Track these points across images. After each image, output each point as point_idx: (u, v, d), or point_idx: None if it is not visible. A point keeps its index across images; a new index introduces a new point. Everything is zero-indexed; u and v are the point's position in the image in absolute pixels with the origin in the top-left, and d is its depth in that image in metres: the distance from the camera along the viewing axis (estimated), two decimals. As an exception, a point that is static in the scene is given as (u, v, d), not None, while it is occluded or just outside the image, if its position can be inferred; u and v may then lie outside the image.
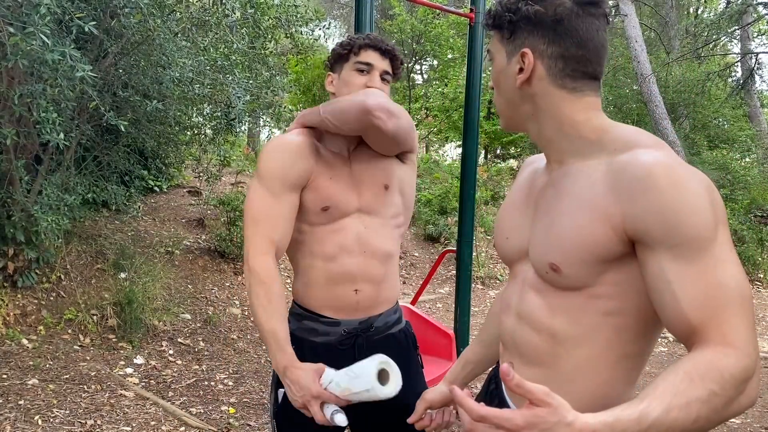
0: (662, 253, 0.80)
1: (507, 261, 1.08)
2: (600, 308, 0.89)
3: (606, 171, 0.87)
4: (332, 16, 15.83)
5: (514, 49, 0.96)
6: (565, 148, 0.96)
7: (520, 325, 1.00)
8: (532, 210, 1.01)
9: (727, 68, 11.44)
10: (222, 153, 5.07)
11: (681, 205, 0.78)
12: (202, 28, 3.90)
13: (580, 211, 0.88)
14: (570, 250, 0.88)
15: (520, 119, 1.01)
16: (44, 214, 3.52)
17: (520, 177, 1.13)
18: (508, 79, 0.99)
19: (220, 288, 5.23)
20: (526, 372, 0.98)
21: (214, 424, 3.18)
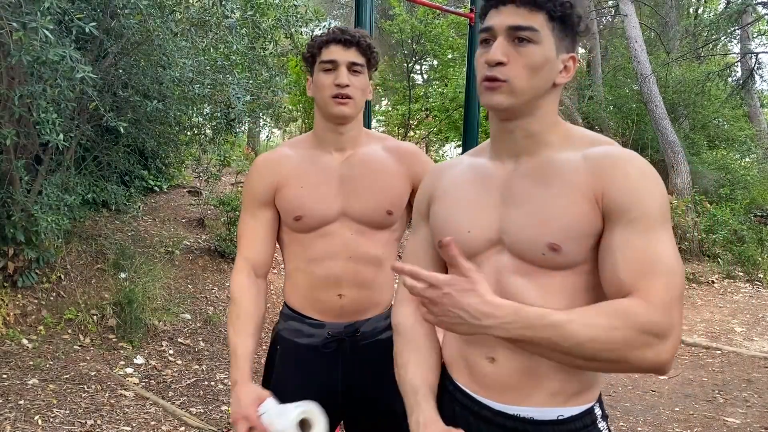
0: (620, 226, 0.93)
1: (470, 254, 1.05)
2: (585, 284, 0.98)
3: (584, 159, 0.98)
4: (332, 16, 15.83)
5: (562, 47, 0.99)
6: (546, 142, 1.03)
7: None
8: (497, 201, 1.04)
9: (727, 68, 11.44)
10: (222, 153, 5.07)
11: (643, 188, 0.93)
12: (202, 28, 3.90)
13: (572, 193, 0.96)
14: (569, 229, 0.95)
15: (528, 107, 1.00)
16: (44, 214, 3.52)
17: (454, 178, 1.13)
18: (551, 70, 0.99)
19: (220, 288, 5.23)
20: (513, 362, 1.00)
21: (214, 424, 3.18)
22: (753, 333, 5.66)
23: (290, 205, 1.46)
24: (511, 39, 0.97)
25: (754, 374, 4.42)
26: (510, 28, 0.96)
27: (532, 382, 0.99)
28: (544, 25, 0.97)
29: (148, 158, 5.83)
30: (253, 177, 1.53)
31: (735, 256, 8.09)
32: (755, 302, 6.94)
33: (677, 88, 10.79)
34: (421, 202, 1.21)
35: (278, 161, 1.51)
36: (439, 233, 1.11)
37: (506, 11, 0.97)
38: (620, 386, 4.12)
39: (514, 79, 0.97)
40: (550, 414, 1.00)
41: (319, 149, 1.51)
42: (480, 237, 1.05)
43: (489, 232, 1.04)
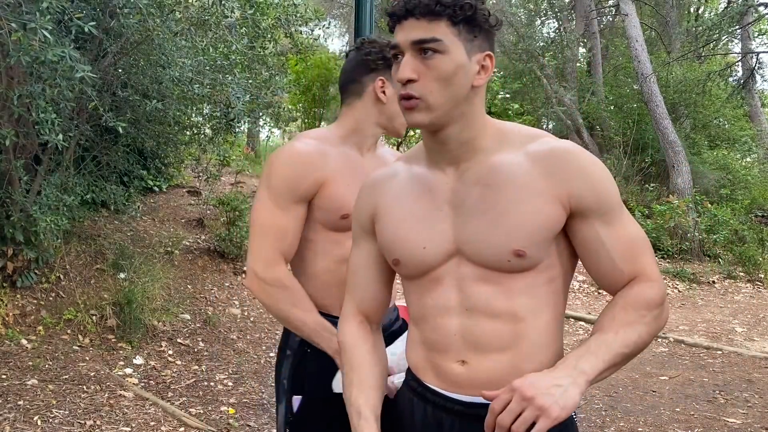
0: (596, 221, 0.98)
1: (424, 269, 1.05)
2: (544, 279, 1.01)
3: (529, 159, 0.99)
4: (332, 15, 15.81)
5: (474, 48, 0.96)
6: (482, 146, 1.02)
7: (472, 320, 1.02)
8: (447, 213, 1.03)
9: (728, 68, 11.43)
10: (221, 153, 5.07)
11: (602, 179, 0.98)
12: (201, 28, 3.89)
13: (531, 197, 0.97)
14: (534, 233, 0.97)
15: (451, 118, 0.98)
16: (43, 214, 3.51)
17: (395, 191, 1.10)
18: (466, 76, 0.96)
19: (219, 288, 5.22)
20: (486, 362, 1.02)
21: (213, 424, 3.18)
22: (754, 333, 5.65)
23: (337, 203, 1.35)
24: (418, 53, 0.94)
25: (755, 374, 4.42)
26: (414, 43, 0.94)
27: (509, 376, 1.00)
28: (448, 32, 0.94)
29: (148, 158, 5.82)
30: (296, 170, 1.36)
31: (736, 257, 8.08)
32: (756, 302, 6.93)
33: (678, 87, 10.78)
34: (361, 215, 1.16)
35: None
36: (391, 252, 1.09)
37: (408, 25, 0.94)
38: (620, 387, 4.12)
39: (428, 95, 0.95)
40: None
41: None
42: (436, 252, 1.04)
43: (445, 246, 1.03)
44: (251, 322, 4.91)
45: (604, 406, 3.71)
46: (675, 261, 8.08)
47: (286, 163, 1.39)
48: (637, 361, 4.33)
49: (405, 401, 1.15)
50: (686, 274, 7.59)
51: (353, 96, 1.49)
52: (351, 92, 1.49)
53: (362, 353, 1.17)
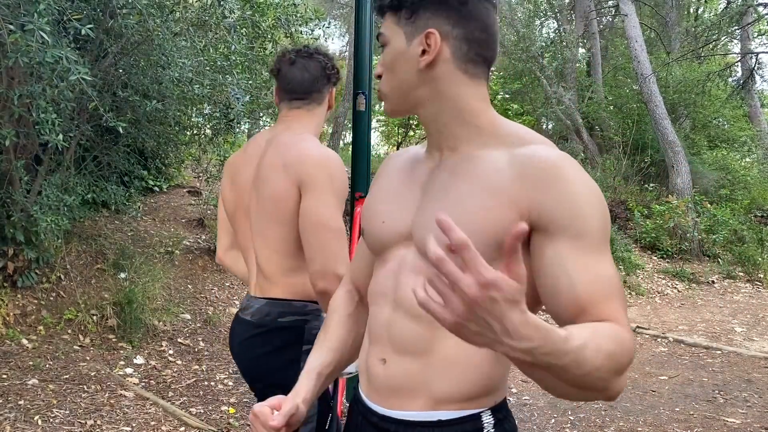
0: (563, 242, 0.84)
1: (380, 246, 1.02)
2: None
3: (510, 161, 0.89)
4: (332, 16, 15.81)
5: (416, 30, 0.93)
6: (461, 134, 0.96)
7: (396, 313, 0.95)
8: (417, 194, 0.99)
9: (728, 68, 11.44)
10: (222, 153, 5.07)
11: (588, 199, 0.84)
12: (201, 28, 3.90)
13: (485, 194, 0.89)
14: (473, 231, 0.84)
15: (411, 104, 0.98)
16: (44, 214, 3.52)
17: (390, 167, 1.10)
18: (408, 61, 0.94)
19: (220, 288, 5.23)
20: (401, 364, 0.94)
21: (214, 424, 3.18)
22: (753, 333, 5.66)
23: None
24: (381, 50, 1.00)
25: (755, 374, 4.42)
26: None
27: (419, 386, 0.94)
28: (391, 23, 0.96)
29: (148, 158, 5.83)
30: None
31: (735, 257, 8.09)
32: (755, 302, 6.94)
33: (677, 88, 10.79)
34: None
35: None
36: (362, 222, 1.07)
37: None
38: (620, 386, 4.12)
39: (381, 85, 1.00)
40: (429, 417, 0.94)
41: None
42: (392, 229, 0.99)
43: (401, 225, 0.98)
44: (251, 322, 4.92)
45: (603, 406, 3.72)
46: (674, 261, 8.09)
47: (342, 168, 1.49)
48: (636, 361, 4.33)
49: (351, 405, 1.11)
50: (686, 274, 7.59)
51: (314, 103, 1.67)
52: (313, 100, 1.66)
53: (336, 319, 1.17)
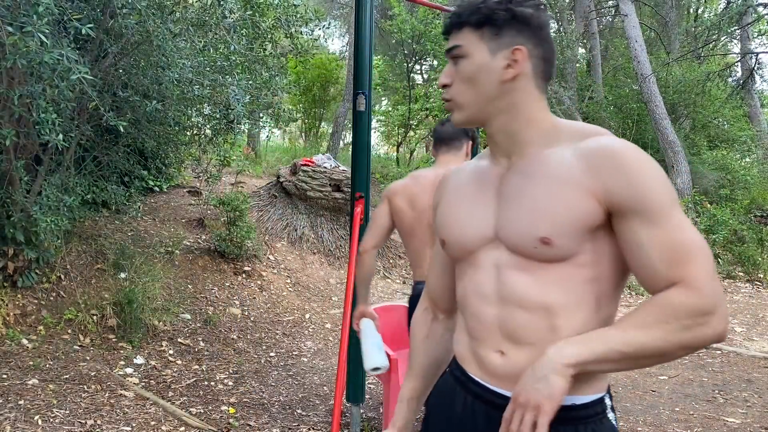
0: (635, 221, 0.95)
1: (464, 251, 1.11)
2: (584, 276, 1.00)
3: (576, 154, 1.00)
4: (332, 16, 15.83)
5: (500, 45, 1.04)
6: (529, 139, 1.06)
7: (506, 309, 1.04)
8: (492, 200, 1.09)
9: (727, 68, 11.44)
10: (222, 153, 5.07)
11: (645, 179, 0.95)
12: (201, 28, 3.90)
13: (565, 188, 0.99)
14: (561, 223, 0.98)
15: (486, 114, 1.07)
16: (44, 214, 3.52)
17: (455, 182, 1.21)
18: (491, 74, 1.04)
19: (220, 288, 5.23)
20: (524, 354, 1.02)
21: (214, 424, 3.18)
22: (753, 333, 5.66)
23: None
24: (452, 61, 1.08)
25: (754, 374, 4.42)
26: (446, 53, 1.09)
27: None
28: (470, 37, 1.05)
29: (148, 158, 5.83)
30: None
31: (735, 256, 8.09)
32: (755, 302, 6.94)
33: (677, 88, 10.79)
34: (433, 210, 1.27)
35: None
36: (440, 233, 1.18)
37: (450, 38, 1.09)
38: (620, 386, 4.12)
39: (457, 95, 1.08)
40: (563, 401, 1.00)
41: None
42: (475, 234, 1.09)
43: (484, 229, 1.08)
44: (251, 322, 4.92)
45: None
46: (674, 261, 8.08)
47: None
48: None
49: (448, 389, 1.18)
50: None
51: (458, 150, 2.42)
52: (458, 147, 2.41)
53: (415, 345, 1.32)
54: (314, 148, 13.05)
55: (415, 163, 13.49)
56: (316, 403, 3.59)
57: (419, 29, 11.80)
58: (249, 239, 5.65)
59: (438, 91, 12.91)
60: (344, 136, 14.10)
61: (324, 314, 5.52)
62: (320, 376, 4.08)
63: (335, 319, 5.41)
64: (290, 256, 6.43)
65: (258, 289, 5.50)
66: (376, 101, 17.93)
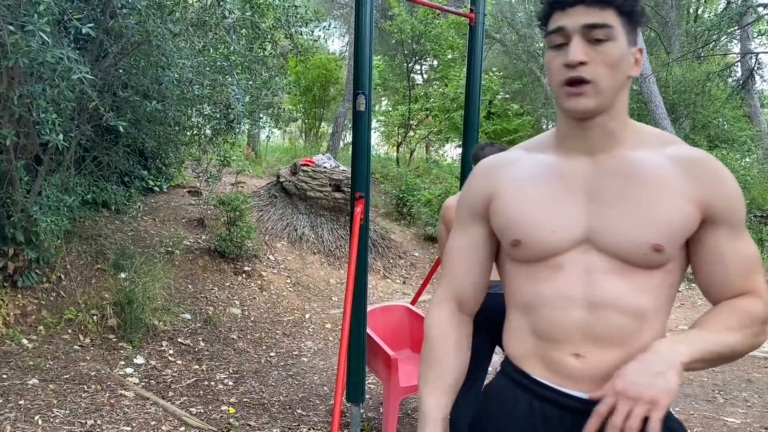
0: (722, 231, 1.00)
1: (547, 253, 1.04)
2: (669, 281, 1.03)
3: (670, 160, 1.01)
4: (332, 16, 15.82)
5: (631, 41, 1.00)
6: (622, 140, 1.04)
7: (596, 313, 1.01)
8: (582, 200, 1.04)
9: (727, 68, 11.43)
10: (222, 153, 5.07)
11: (736, 193, 1.00)
12: (201, 28, 3.90)
13: (673, 194, 0.99)
14: (673, 231, 0.98)
15: (610, 105, 1.01)
16: (44, 214, 3.52)
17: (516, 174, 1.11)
18: (626, 65, 1.00)
19: (220, 288, 5.23)
20: (605, 356, 1.01)
21: (214, 424, 3.18)
22: (753, 333, 5.66)
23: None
24: (587, 38, 0.96)
25: (754, 374, 4.42)
26: (585, 27, 0.96)
27: None
28: (616, 20, 0.97)
29: (148, 158, 5.83)
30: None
31: (735, 256, 8.07)
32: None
33: (677, 88, 10.79)
34: (476, 199, 1.15)
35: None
36: (511, 232, 1.07)
37: (576, 11, 0.96)
38: (620, 386, 4.12)
39: (600, 79, 0.97)
40: None
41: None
42: (565, 237, 1.03)
43: (575, 232, 1.03)
44: (251, 322, 4.92)
45: (603, 406, 3.72)
46: (674, 261, 8.09)
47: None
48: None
49: (502, 392, 1.13)
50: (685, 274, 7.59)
51: None
52: None
53: (446, 349, 1.16)
54: (314, 148, 13.05)
55: (415, 163, 13.49)
56: (316, 403, 3.59)
57: (419, 29, 11.80)
58: (249, 239, 5.66)
59: (437, 91, 12.92)
60: (344, 136, 14.10)
61: (324, 314, 5.52)
62: (320, 376, 4.08)
63: (335, 319, 5.41)
64: (290, 256, 6.43)
65: (258, 289, 5.50)
66: (376, 101, 17.92)
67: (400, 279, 7.03)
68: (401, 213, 9.08)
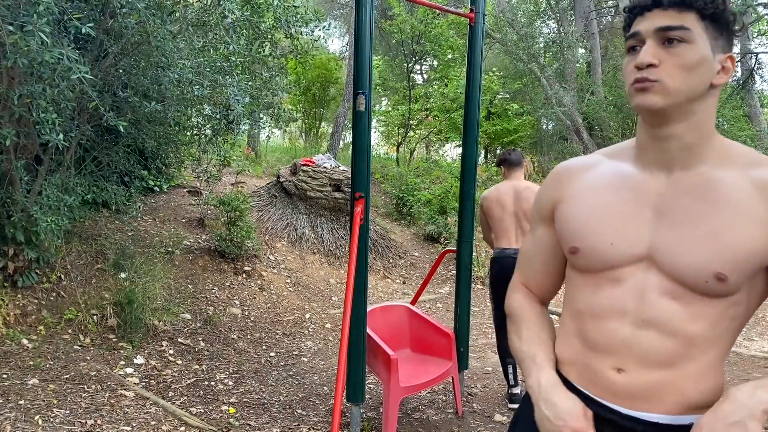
0: None
1: (605, 266, 1.02)
2: (732, 314, 0.96)
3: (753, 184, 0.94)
4: (332, 16, 15.83)
5: (717, 47, 0.95)
6: (703, 156, 0.98)
7: (644, 331, 0.98)
8: (648, 215, 1.00)
9: (727, 68, 11.42)
10: (222, 153, 5.08)
11: None
12: (201, 28, 3.90)
13: (747, 221, 0.92)
14: (743, 261, 0.91)
15: (682, 111, 0.96)
16: (44, 214, 3.52)
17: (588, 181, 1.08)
18: (707, 71, 0.94)
19: (220, 288, 5.23)
20: (647, 374, 0.98)
21: (214, 424, 3.18)
22: (753, 333, 5.66)
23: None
24: (661, 41, 0.94)
25: (754, 374, 4.42)
26: (659, 30, 0.94)
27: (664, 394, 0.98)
28: (696, 23, 0.93)
29: (148, 158, 5.84)
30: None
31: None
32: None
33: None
34: (545, 202, 1.15)
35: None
36: (571, 238, 1.06)
37: (652, 15, 0.95)
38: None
39: (666, 78, 0.93)
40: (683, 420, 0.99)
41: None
42: (624, 251, 1.00)
43: (636, 248, 0.99)
44: (252, 322, 4.92)
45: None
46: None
47: None
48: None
49: None
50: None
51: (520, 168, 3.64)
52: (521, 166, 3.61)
53: (533, 314, 1.18)
54: (314, 148, 13.05)
55: (415, 163, 13.49)
56: (316, 403, 3.59)
57: (419, 29, 11.80)
58: (249, 239, 5.66)
59: (438, 91, 12.92)
60: (344, 136, 14.11)
61: (324, 314, 5.52)
62: (320, 376, 4.08)
63: (335, 319, 5.41)
64: (290, 256, 6.43)
65: (258, 289, 5.50)
66: (376, 101, 17.93)
67: (400, 279, 7.03)
68: (401, 213, 9.08)
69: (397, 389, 2.93)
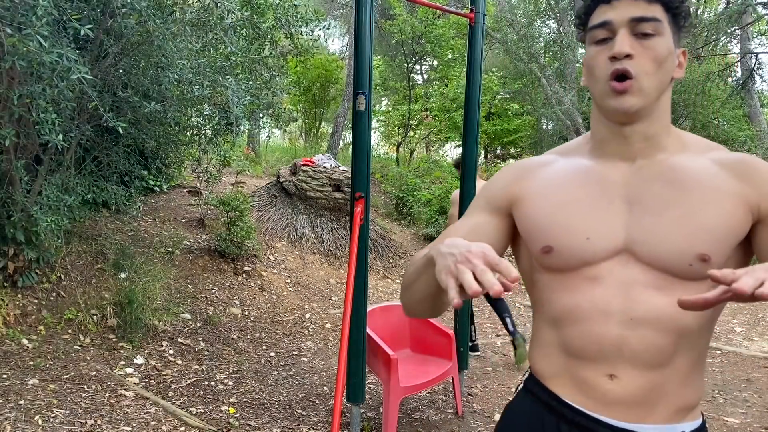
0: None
1: (581, 262, 0.97)
2: None
3: (716, 164, 0.95)
4: (332, 16, 15.82)
5: (677, 42, 0.96)
6: (664, 145, 0.99)
7: (635, 330, 0.93)
8: (620, 207, 0.96)
9: (727, 68, 11.44)
10: (222, 154, 5.08)
11: None
12: (201, 29, 3.90)
13: (720, 200, 0.91)
14: (722, 238, 0.90)
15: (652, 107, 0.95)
16: (44, 214, 3.52)
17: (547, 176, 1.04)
18: (671, 63, 0.95)
19: (220, 288, 5.23)
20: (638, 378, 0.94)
21: (214, 424, 3.18)
22: (753, 333, 5.66)
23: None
24: (633, 32, 0.92)
25: (754, 374, 4.42)
26: (633, 21, 0.92)
27: (658, 399, 0.94)
28: (664, 16, 0.93)
29: (148, 158, 5.84)
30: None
31: (735, 256, 8.08)
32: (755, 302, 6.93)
33: (677, 88, 10.79)
34: (499, 192, 1.07)
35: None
36: (543, 238, 1.00)
37: (623, 4, 0.93)
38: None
39: (643, 75, 0.92)
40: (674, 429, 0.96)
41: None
42: (602, 245, 0.95)
43: (613, 241, 0.95)
44: (251, 322, 4.92)
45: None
46: (674, 261, 8.09)
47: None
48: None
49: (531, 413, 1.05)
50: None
51: None
52: None
53: None
54: (314, 148, 13.05)
55: (415, 163, 13.50)
56: (316, 403, 3.59)
57: (419, 29, 11.80)
58: (249, 239, 5.66)
59: (437, 91, 12.92)
60: (344, 136, 14.11)
61: (324, 314, 5.52)
62: (320, 376, 4.08)
63: (335, 319, 5.41)
64: (290, 256, 6.43)
65: (258, 289, 5.50)
66: (376, 101, 17.93)
67: (400, 279, 7.03)
68: (401, 213, 9.08)
69: (397, 389, 2.94)
